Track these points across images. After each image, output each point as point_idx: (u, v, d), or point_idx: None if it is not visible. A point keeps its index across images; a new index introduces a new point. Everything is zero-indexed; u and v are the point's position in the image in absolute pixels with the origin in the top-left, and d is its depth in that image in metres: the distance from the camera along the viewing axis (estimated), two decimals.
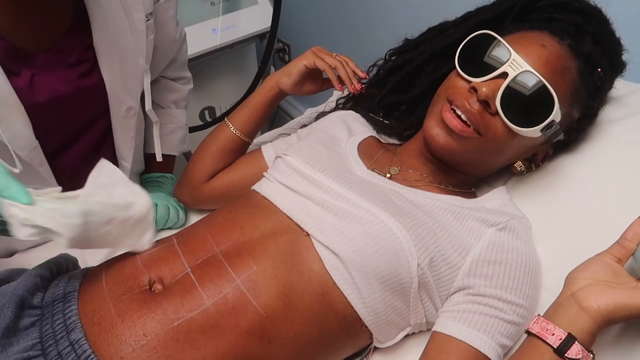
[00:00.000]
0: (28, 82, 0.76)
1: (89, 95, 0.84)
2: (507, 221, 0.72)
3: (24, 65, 0.76)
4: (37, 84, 0.77)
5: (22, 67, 0.76)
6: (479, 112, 0.71)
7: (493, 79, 0.71)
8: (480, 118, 0.71)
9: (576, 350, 0.57)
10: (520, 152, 0.78)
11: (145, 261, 0.68)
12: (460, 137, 0.72)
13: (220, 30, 1.56)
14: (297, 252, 0.68)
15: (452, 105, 0.73)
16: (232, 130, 0.93)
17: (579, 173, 0.81)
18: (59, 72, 0.79)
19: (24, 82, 0.76)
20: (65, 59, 0.80)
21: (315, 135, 0.86)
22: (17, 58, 0.75)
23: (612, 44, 0.77)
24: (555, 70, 0.70)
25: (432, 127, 0.75)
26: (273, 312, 0.63)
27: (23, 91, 0.75)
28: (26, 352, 0.57)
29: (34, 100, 0.77)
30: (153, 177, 1.08)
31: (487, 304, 0.66)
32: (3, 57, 0.73)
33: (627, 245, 0.62)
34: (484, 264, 0.68)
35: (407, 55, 0.90)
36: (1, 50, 0.73)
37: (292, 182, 0.75)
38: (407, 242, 0.65)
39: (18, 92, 0.74)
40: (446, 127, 0.73)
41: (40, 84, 0.77)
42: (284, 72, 0.91)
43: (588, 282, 0.61)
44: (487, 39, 0.73)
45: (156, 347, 0.59)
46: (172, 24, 0.98)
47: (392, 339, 0.71)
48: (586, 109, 0.78)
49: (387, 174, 0.80)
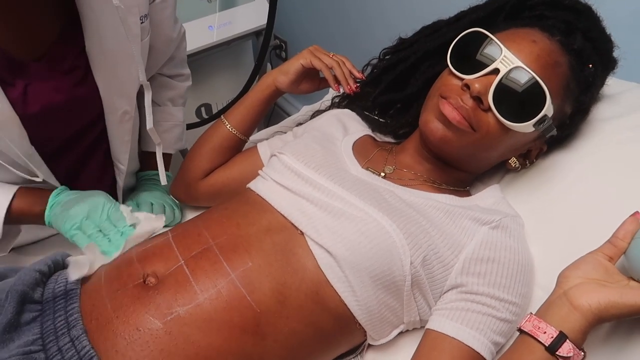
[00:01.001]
0: (22, 92, 0.75)
1: (83, 103, 0.83)
2: (500, 219, 0.73)
3: (18, 75, 0.75)
4: (31, 94, 0.76)
5: (16, 77, 0.75)
6: (472, 109, 0.71)
7: (485, 76, 0.71)
8: (473, 114, 0.72)
9: (567, 348, 0.57)
10: (514, 148, 0.78)
11: (139, 256, 0.69)
12: (457, 129, 0.73)
13: (216, 27, 1.56)
14: (291, 251, 0.68)
15: (447, 101, 0.73)
16: (228, 128, 0.93)
17: (572, 171, 0.81)
18: (53, 80, 0.78)
19: (18, 92, 0.75)
20: (58, 66, 0.79)
21: (311, 134, 0.86)
22: (10, 68, 0.74)
23: (603, 40, 0.78)
24: (547, 65, 0.71)
25: (430, 120, 0.75)
26: (267, 308, 0.64)
27: (17, 102, 0.74)
28: (27, 346, 0.58)
29: (28, 111, 0.76)
30: (149, 175, 1.07)
31: (480, 301, 0.67)
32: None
33: (619, 243, 0.63)
34: (477, 262, 0.69)
35: (401, 54, 0.91)
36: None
37: (287, 180, 0.75)
38: (400, 241, 0.66)
39: (12, 103, 0.73)
40: (444, 120, 0.73)
41: (34, 93, 0.76)
42: (281, 70, 0.91)
43: (580, 281, 0.61)
44: (478, 36, 0.74)
45: (149, 341, 0.60)
46: (169, 23, 0.96)
47: (385, 337, 0.72)
48: (578, 104, 0.78)
49: (381, 173, 0.81)
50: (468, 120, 0.72)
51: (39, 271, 0.66)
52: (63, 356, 0.58)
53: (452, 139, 0.74)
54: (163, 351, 0.59)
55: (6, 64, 0.73)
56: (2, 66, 0.73)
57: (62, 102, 0.79)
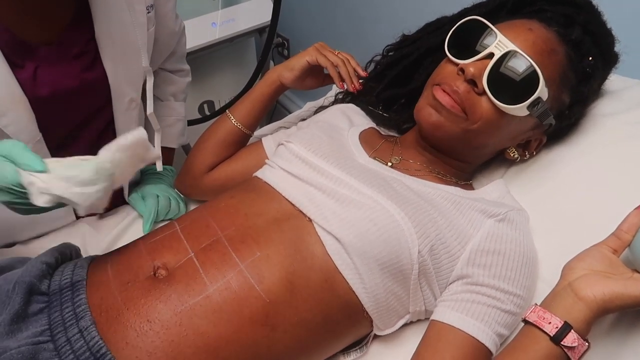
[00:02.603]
0: (31, 75, 0.76)
1: (91, 88, 0.84)
2: (506, 212, 0.73)
3: (28, 57, 0.76)
4: (40, 77, 0.77)
5: (26, 59, 0.76)
6: (465, 92, 0.72)
7: (480, 60, 0.72)
8: (467, 98, 0.72)
9: (572, 338, 0.58)
10: (512, 136, 0.79)
11: (148, 248, 0.69)
12: (449, 113, 0.73)
13: (219, 24, 1.56)
14: (300, 238, 0.68)
15: (441, 87, 0.74)
16: (233, 122, 0.93)
17: (575, 166, 0.82)
18: (62, 65, 0.79)
19: (28, 74, 0.76)
20: (68, 51, 0.80)
21: (317, 124, 0.87)
22: (20, 50, 0.75)
23: (603, 34, 0.79)
24: (542, 51, 0.72)
25: (423, 107, 0.77)
26: (276, 298, 0.64)
27: (26, 84, 0.75)
28: (35, 337, 0.58)
29: (37, 93, 0.77)
30: (153, 169, 1.08)
31: (485, 293, 0.67)
32: (7, 49, 0.73)
33: (623, 236, 0.63)
34: (483, 254, 0.69)
35: (404, 50, 0.91)
36: (5, 42, 0.73)
37: (294, 168, 0.76)
38: (409, 229, 0.66)
39: (22, 85, 0.74)
40: (437, 105, 0.74)
41: (43, 77, 0.77)
42: (286, 66, 0.92)
43: (585, 272, 0.62)
44: (475, 24, 0.75)
45: (159, 332, 0.60)
46: (171, 16, 0.98)
47: (391, 327, 0.72)
48: (577, 95, 0.79)
49: (388, 162, 0.81)
50: (461, 105, 0.72)
51: (45, 263, 0.66)
52: (72, 347, 0.59)
53: (444, 124, 0.74)
54: (173, 342, 0.60)
55: (16, 46, 0.74)
56: (12, 49, 0.74)
57: (71, 87, 0.80)
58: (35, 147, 0.80)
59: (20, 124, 0.76)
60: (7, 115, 0.74)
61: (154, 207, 0.96)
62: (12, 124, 0.75)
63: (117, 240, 0.94)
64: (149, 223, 0.94)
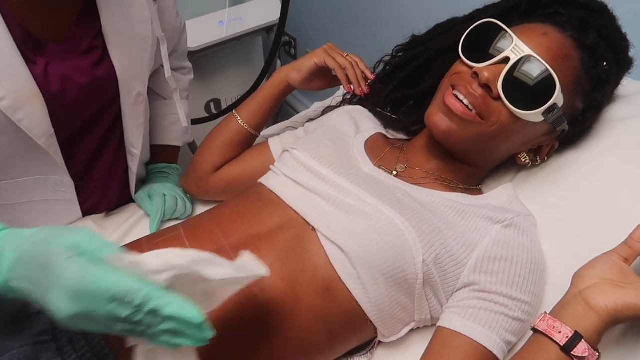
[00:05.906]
0: (43, 70, 0.76)
1: (101, 83, 0.84)
2: (512, 218, 0.72)
3: (39, 53, 0.76)
4: (51, 73, 0.77)
5: (37, 55, 0.76)
6: (481, 97, 0.71)
7: (495, 64, 0.71)
8: (483, 102, 0.71)
9: (582, 348, 0.57)
10: (525, 141, 0.78)
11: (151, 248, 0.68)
12: (461, 120, 0.72)
13: (227, 23, 1.55)
14: (303, 247, 0.68)
15: (455, 90, 0.73)
16: (239, 123, 0.93)
17: (585, 171, 0.81)
18: (72, 61, 0.80)
19: (40, 69, 0.76)
20: (76, 47, 0.80)
21: (323, 130, 0.86)
22: (33, 45, 0.75)
23: (618, 39, 0.78)
24: (557, 57, 0.71)
25: (434, 113, 0.76)
26: (278, 306, 0.64)
27: (39, 79, 0.75)
28: (38, 337, 0.58)
29: (49, 89, 0.77)
30: (159, 167, 1.08)
31: (492, 300, 0.66)
32: (20, 43, 0.73)
33: (634, 245, 0.62)
34: (490, 261, 0.68)
35: (414, 51, 0.90)
36: (18, 36, 0.73)
37: (299, 176, 0.75)
38: (413, 239, 0.66)
39: (35, 80, 0.75)
40: (448, 111, 0.73)
41: (54, 73, 0.77)
42: (294, 67, 0.91)
43: (596, 281, 0.61)
44: (490, 27, 0.74)
45: None
46: (172, 12, 0.99)
47: (396, 334, 0.72)
48: (590, 101, 0.78)
49: (393, 171, 0.80)
50: (477, 109, 0.72)
51: None
52: (74, 346, 0.59)
53: (456, 131, 0.74)
54: None
55: (29, 41, 0.74)
56: (25, 43, 0.74)
57: (82, 82, 0.81)
58: (49, 142, 0.80)
59: (34, 118, 0.76)
60: (23, 109, 0.74)
61: (161, 206, 0.95)
62: (26, 118, 0.75)
63: (123, 239, 0.94)
64: (156, 222, 0.94)
